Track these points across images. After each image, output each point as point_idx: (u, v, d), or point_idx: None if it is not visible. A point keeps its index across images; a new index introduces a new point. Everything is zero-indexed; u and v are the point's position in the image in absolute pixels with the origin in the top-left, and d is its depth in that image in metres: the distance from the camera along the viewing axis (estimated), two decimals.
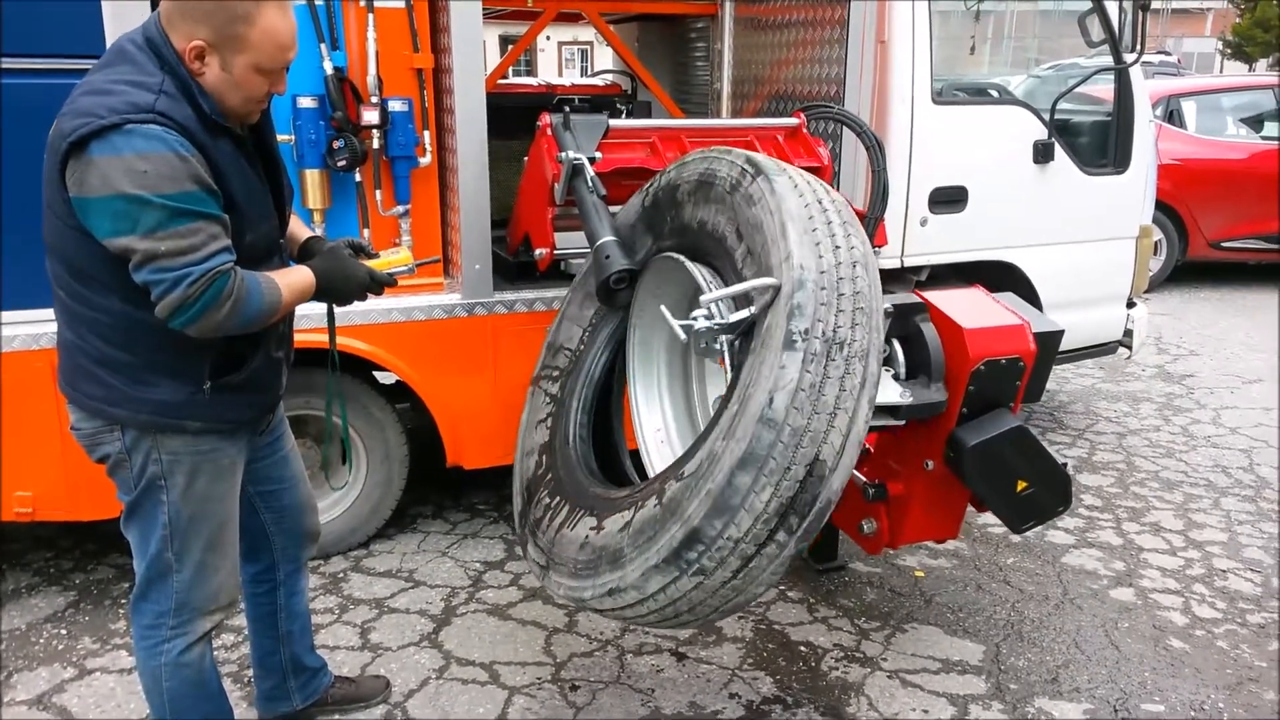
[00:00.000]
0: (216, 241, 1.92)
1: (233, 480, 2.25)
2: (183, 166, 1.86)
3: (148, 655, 2.25)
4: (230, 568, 2.30)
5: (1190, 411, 5.57)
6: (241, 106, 2.02)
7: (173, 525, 2.16)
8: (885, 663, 3.12)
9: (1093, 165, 4.65)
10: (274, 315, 2.06)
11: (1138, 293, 4.99)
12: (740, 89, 4.75)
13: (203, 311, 1.90)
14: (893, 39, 4.02)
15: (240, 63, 1.95)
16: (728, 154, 2.54)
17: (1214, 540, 3.99)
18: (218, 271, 1.90)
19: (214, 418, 2.14)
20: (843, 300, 2.10)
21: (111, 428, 2.09)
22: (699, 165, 2.62)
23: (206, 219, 1.90)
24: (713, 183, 2.52)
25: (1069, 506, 2.87)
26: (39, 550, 3.74)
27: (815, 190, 2.32)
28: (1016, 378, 2.70)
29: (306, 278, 2.18)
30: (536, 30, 4.83)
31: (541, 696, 2.93)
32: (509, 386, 3.68)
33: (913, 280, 4.36)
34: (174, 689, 2.27)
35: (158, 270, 1.86)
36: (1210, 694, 2.99)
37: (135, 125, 1.83)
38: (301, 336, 3.33)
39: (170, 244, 1.85)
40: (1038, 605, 3.47)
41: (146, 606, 2.24)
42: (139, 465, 2.11)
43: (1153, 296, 7.84)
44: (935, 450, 2.74)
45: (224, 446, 2.19)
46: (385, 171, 3.44)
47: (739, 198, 2.39)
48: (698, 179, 2.60)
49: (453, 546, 3.87)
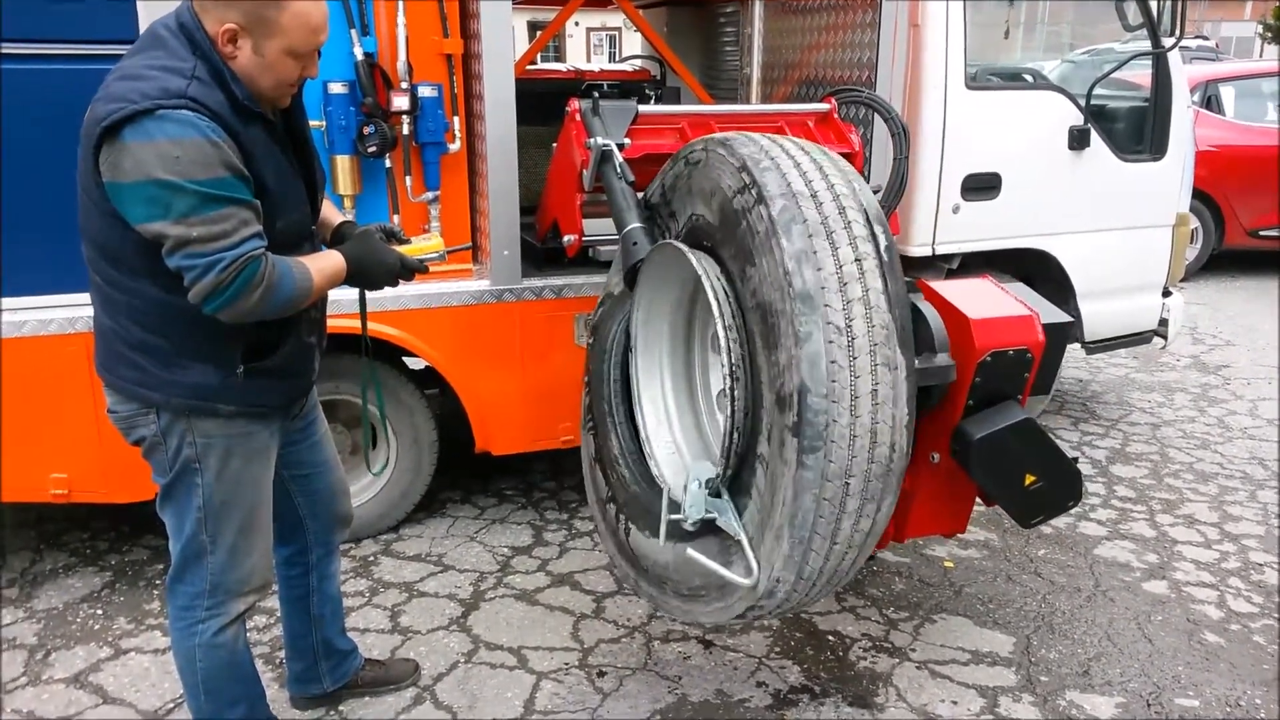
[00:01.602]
0: (248, 227, 1.93)
1: (266, 464, 2.27)
2: (215, 152, 1.87)
3: (182, 636, 2.28)
4: (264, 550, 2.33)
5: (1226, 402, 5.48)
6: (274, 90, 2.03)
7: (207, 508, 2.18)
8: (914, 653, 3.10)
9: (1129, 152, 4.57)
10: (306, 300, 2.07)
11: (1174, 281, 4.91)
12: (770, 74, 4.71)
13: (235, 297, 1.92)
14: (926, 23, 3.96)
15: (272, 46, 1.96)
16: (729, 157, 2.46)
17: (1250, 533, 3.93)
18: (250, 257, 1.91)
19: (247, 401, 2.16)
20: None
21: (147, 411, 2.12)
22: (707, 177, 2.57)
23: (238, 204, 1.92)
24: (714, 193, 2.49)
25: (1079, 500, 2.81)
26: (75, 531, 3.80)
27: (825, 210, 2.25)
28: (1024, 370, 2.62)
29: (338, 262, 2.19)
30: (565, 16, 4.81)
31: (569, 682, 2.94)
32: (537, 373, 3.69)
33: (944, 269, 4.31)
34: (207, 669, 2.29)
35: (190, 256, 1.88)
36: (1246, 689, 2.95)
37: (168, 111, 1.84)
38: (332, 322, 3.37)
39: (202, 229, 1.87)
40: (1069, 597, 3.43)
41: (181, 588, 2.27)
42: (174, 448, 2.14)
43: (1189, 285, 7.73)
44: (941, 443, 2.69)
45: (257, 430, 2.21)
46: (415, 157, 3.44)
47: (742, 231, 2.34)
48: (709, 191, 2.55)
49: (481, 531, 3.89)
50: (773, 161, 2.28)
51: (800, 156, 2.32)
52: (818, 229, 2.15)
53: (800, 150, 2.36)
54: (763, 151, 2.33)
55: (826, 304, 2.09)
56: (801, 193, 2.20)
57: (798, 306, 2.09)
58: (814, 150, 2.39)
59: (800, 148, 2.38)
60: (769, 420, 2.20)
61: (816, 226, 2.15)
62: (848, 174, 2.33)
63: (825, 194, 2.22)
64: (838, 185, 2.25)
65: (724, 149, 2.41)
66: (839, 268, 2.12)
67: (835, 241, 2.15)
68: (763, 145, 2.37)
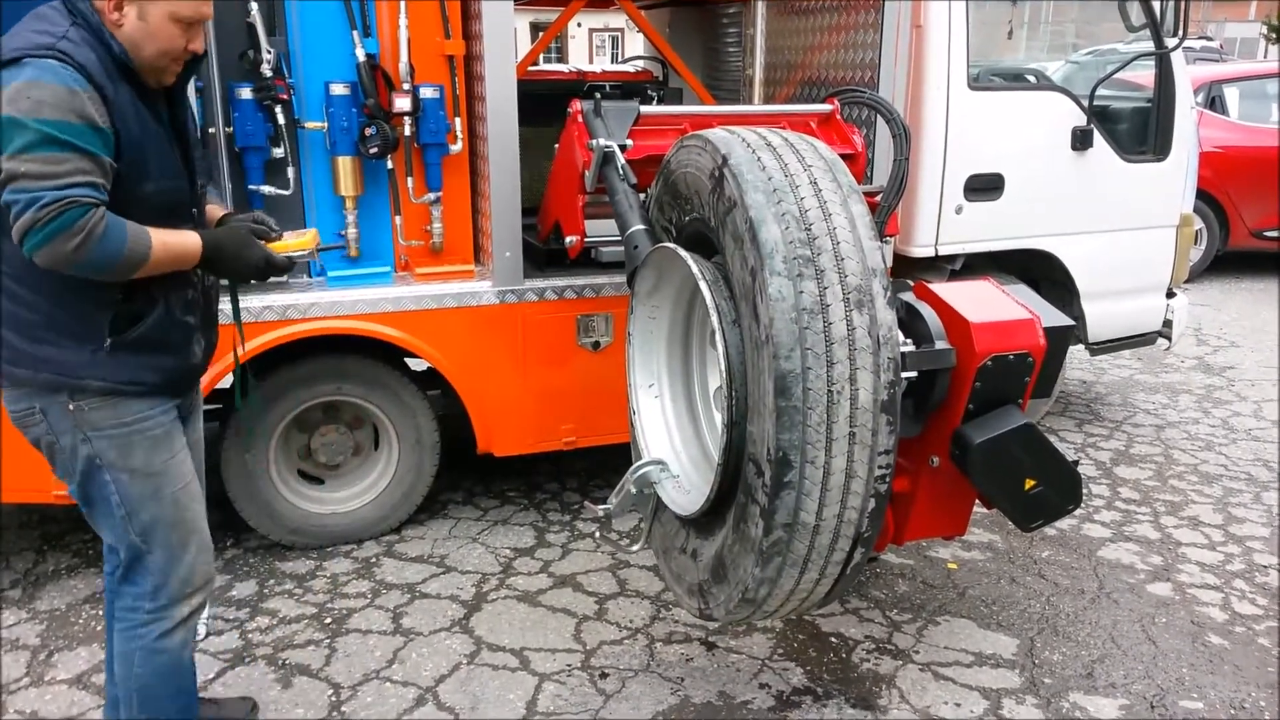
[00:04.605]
0: (84, 176, 1.90)
1: (172, 449, 2.21)
2: (70, 98, 1.88)
3: (124, 638, 2.24)
4: (199, 544, 2.27)
5: (1230, 404, 5.47)
6: (158, 59, 2.04)
7: (125, 504, 2.15)
8: (917, 655, 3.09)
9: (1132, 152, 4.56)
10: (140, 265, 2.01)
11: (1177, 282, 4.90)
12: (773, 75, 4.71)
13: (50, 237, 1.87)
14: (929, 23, 3.96)
15: (156, 11, 1.99)
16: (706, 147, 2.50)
17: (1255, 535, 3.91)
18: (73, 200, 1.88)
19: (119, 379, 2.10)
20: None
21: (30, 409, 2.09)
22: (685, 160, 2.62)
23: (81, 154, 1.90)
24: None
25: (1079, 505, 2.81)
26: (77, 532, 3.80)
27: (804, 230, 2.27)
28: (1025, 374, 2.60)
29: (191, 242, 2.12)
30: (568, 16, 4.81)
31: (571, 683, 2.94)
32: (539, 374, 3.68)
33: (947, 269, 4.31)
34: (144, 676, 2.24)
35: (15, 190, 1.87)
36: (1251, 692, 2.94)
37: (31, 59, 1.88)
38: (333, 323, 3.37)
39: (32, 166, 1.86)
40: (1073, 599, 3.42)
41: (127, 589, 2.23)
42: (69, 446, 2.11)
43: (1193, 286, 7.71)
44: (941, 447, 2.68)
45: (150, 413, 2.16)
46: (417, 158, 3.45)
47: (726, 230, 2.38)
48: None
49: (483, 533, 3.88)
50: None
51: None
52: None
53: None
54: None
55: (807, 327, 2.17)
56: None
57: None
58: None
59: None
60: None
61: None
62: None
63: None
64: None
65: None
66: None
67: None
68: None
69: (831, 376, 2.14)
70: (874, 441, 2.20)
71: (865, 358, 2.16)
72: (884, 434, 2.21)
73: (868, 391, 2.17)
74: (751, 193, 2.25)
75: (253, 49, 3.19)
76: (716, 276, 2.44)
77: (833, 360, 2.14)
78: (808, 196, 2.26)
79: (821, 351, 2.13)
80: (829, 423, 2.14)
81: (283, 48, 3.28)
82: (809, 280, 2.15)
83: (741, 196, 2.26)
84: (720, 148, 2.39)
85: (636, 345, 2.90)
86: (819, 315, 2.14)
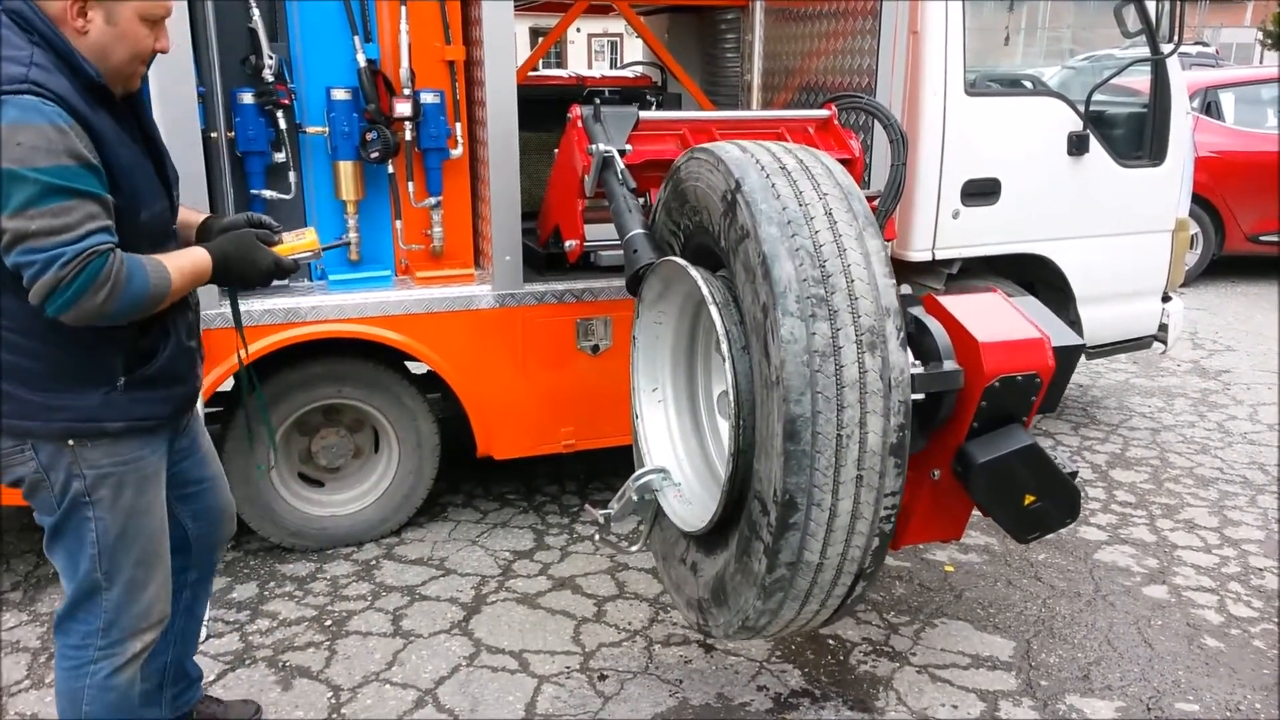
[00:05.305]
0: (94, 221, 1.80)
1: (158, 489, 2.16)
2: (60, 139, 1.76)
3: (70, 676, 2.13)
4: (161, 581, 2.19)
5: (1226, 407, 5.49)
6: (128, 64, 1.94)
7: (101, 543, 2.06)
8: (914, 657, 3.11)
9: (1128, 157, 4.58)
10: (164, 300, 1.94)
11: (1173, 287, 4.92)
12: (771, 80, 4.73)
13: (79, 295, 1.79)
14: (925, 29, 3.98)
15: (125, 11, 1.88)
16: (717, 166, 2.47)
17: (1250, 538, 3.93)
18: (94, 252, 1.78)
19: (134, 416, 2.03)
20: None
21: (21, 447, 1.99)
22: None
23: (83, 197, 1.80)
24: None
25: (1076, 518, 2.81)
26: None
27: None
28: (1032, 394, 2.58)
29: (202, 260, 2.06)
30: (567, 22, 4.84)
31: (570, 685, 2.95)
32: (539, 378, 3.70)
33: (944, 273, 4.33)
34: (93, 714, 2.14)
35: (28, 251, 1.76)
36: (1246, 694, 2.95)
37: (9, 96, 1.74)
38: (334, 326, 3.39)
39: (42, 222, 1.75)
40: (1069, 602, 3.44)
41: (73, 625, 2.13)
42: (60, 483, 2.01)
43: (1188, 291, 7.73)
44: (943, 461, 2.67)
45: (145, 454, 2.10)
46: (417, 163, 3.46)
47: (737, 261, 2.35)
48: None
49: (483, 535, 3.90)
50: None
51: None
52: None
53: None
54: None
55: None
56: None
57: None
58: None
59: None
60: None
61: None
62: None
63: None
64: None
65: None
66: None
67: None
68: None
69: (841, 420, 2.10)
70: (881, 484, 2.18)
71: (876, 401, 2.13)
72: (891, 477, 2.19)
73: (877, 435, 2.14)
74: (765, 225, 2.20)
75: (254, 54, 3.21)
76: (727, 299, 2.41)
77: (843, 404, 2.10)
78: (822, 230, 2.21)
79: (832, 395, 2.09)
80: (837, 466, 2.11)
81: (284, 53, 3.30)
82: (822, 321, 2.11)
83: (755, 229, 2.21)
84: (734, 170, 2.34)
85: (641, 349, 2.91)
86: (831, 358, 2.09)
